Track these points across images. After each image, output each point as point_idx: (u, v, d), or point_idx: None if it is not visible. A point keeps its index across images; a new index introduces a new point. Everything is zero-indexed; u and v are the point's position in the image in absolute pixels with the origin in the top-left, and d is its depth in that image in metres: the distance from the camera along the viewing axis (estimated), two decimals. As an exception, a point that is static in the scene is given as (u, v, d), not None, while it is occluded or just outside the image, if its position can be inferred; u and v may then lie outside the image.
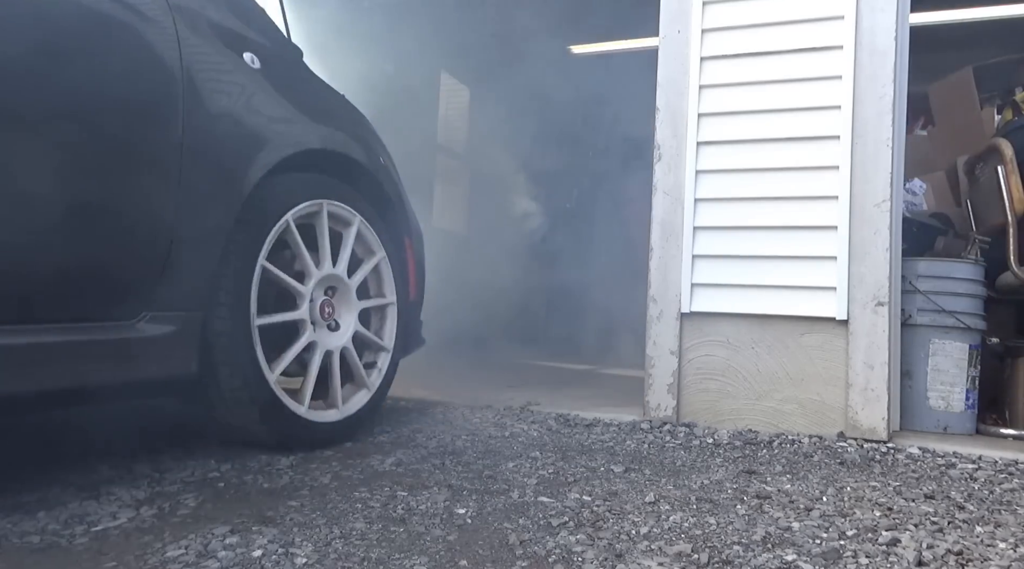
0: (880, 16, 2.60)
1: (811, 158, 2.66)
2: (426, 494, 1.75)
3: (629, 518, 1.62)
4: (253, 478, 1.86)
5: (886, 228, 2.55)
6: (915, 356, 2.79)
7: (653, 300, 2.83)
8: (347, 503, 1.67)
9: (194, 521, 1.53)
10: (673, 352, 2.78)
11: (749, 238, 2.72)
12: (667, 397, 2.77)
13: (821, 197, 2.64)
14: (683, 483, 1.94)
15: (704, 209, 2.79)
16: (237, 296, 1.91)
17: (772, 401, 2.66)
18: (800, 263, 2.65)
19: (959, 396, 2.75)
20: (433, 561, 1.35)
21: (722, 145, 2.78)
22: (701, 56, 2.81)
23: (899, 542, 1.50)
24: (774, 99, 2.72)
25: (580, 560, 1.37)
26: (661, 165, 2.85)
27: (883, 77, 2.58)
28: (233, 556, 1.33)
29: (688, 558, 1.39)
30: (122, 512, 1.56)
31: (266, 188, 2.00)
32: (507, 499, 1.74)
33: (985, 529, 1.61)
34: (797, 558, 1.39)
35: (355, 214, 2.30)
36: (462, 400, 3.11)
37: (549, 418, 2.76)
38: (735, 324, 2.73)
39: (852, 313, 2.57)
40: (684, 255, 2.78)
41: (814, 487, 1.93)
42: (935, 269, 2.81)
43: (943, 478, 2.08)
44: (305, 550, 1.37)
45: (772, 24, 2.74)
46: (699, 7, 2.82)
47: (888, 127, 2.57)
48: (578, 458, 2.18)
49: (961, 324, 2.77)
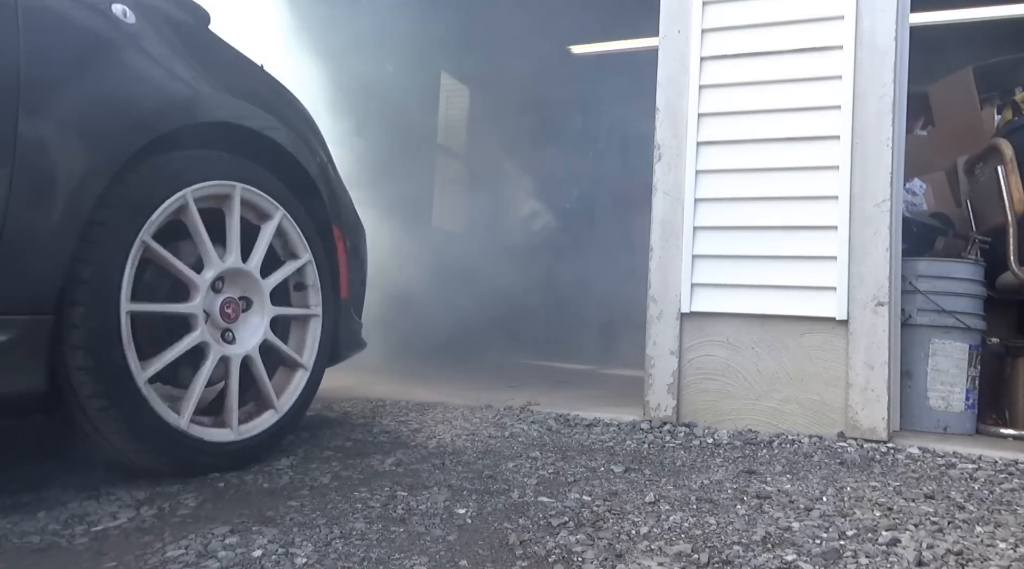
0: (880, 16, 2.60)
1: (811, 158, 2.66)
2: (426, 494, 1.75)
3: (629, 518, 1.62)
4: (253, 478, 1.86)
5: (886, 228, 2.55)
6: (915, 356, 2.79)
7: (653, 300, 2.83)
8: (347, 503, 1.67)
9: (194, 521, 1.53)
10: (673, 352, 2.78)
11: (749, 238, 2.72)
12: (667, 397, 2.77)
13: (821, 197, 2.64)
14: (683, 483, 1.94)
15: (704, 209, 2.79)
16: (102, 284, 1.61)
17: (772, 401, 2.66)
18: (800, 263, 2.65)
19: (959, 396, 2.75)
20: (433, 561, 1.35)
21: (722, 145, 2.78)
22: (701, 56, 2.81)
23: (899, 542, 1.50)
24: (774, 99, 2.72)
25: (580, 560, 1.37)
26: (661, 165, 2.85)
27: (883, 77, 2.58)
28: (233, 556, 1.33)
29: (688, 558, 1.39)
30: (122, 512, 1.56)
31: (151, 164, 1.73)
32: (507, 499, 1.74)
33: (985, 529, 1.61)
34: (797, 558, 1.39)
35: (278, 207, 2.03)
36: (462, 400, 3.11)
37: (549, 418, 2.76)
38: (735, 324, 2.73)
39: (852, 313, 2.57)
40: (684, 255, 2.79)
41: (814, 487, 1.93)
42: (935, 269, 2.81)
43: (943, 478, 2.08)
44: (305, 550, 1.37)
45: (772, 24, 2.74)
46: (699, 7, 2.82)
47: (888, 127, 2.57)
48: (578, 458, 2.18)
49: (961, 324, 2.77)
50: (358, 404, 2.99)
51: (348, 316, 2.37)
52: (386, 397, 3.11)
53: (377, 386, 3.56)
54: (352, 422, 2.62)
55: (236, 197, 1.92)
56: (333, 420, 2.65)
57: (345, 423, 2.60)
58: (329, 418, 2.69)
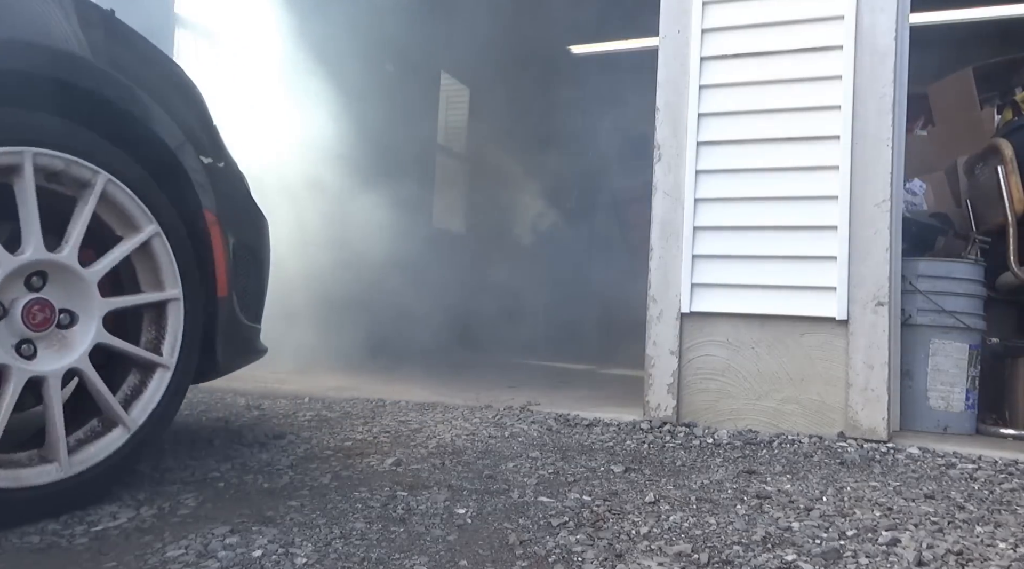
0: (880, 16, 2.60)
1: (811, 158, 2.66)
2: (426, 494, 1.75)
3: (629, 518, 1.62)
4: (253, 478, 1.86)
5: (886, 228, 2.55)
6: (915, 356, 2.79)
7: (653, 300, 2.83)
8: (347, 503, 1.67)
9: (194, 521, 1.53)
10: (673, 352, 2.78)
11: (749, 238, 2.72)
12: (667, 397, 2.77)
13: (821, 197, 2.64)
14: (683, 483, 1.94)
15: (704, 209, 2.79)
16: None
17: (772, 401, 2.66)
18: (800, 263, 2.66)
19: (959, 396, 2.75)
20: (433, 561, 1.35)
21: (722, 145, 2.78)
22: (701, 56, 2.81)
23: (899, 542, 1.50)
24: (774, 99, 2.72)
25: (580, 560, 1.37)
26: (661, 165, 2.85)
27: (883, 77, 2.58)
28: (233, 556, 1.33)
29: (688, 558, 1.39)
30: (122, 512, 1.56)
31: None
32: (507, 499, 1.74)
33: (985, 529, 1.61)
34: (797, 558, 1.39)
35: (97, 170, 1.57)
36: (462, 400, 3.11)
37: (549, 418, 2.76)
38: (735, 324, 2.73)
39: (852, 313, 2.57)
40: (684, 255, 2.79)
41: (814, 487, 1.93)
42: (935, 269, 2.81)
43: (943, 478, 2.08)
44: (305, 550, 1.37)
45: (772, 24, 2.74)
46: (699, 7, 2.82)
47: (888, 127, 2.57)
48: (578, 458, 2.18)
49: (961, 324, 2.77)
50: (358, 404, 2.99)
51: (231, 315, 1.97)
52: (386, 397, 3.12)
53: (377, 386, 3.57)
54: (352, 422, 2.62)
55: (27, 165, 1.46)
56: (333, 420, 2.65)
57: (345, 423, 2.60)
58: (329, 418, 2.69)
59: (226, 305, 1.94)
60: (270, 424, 2.54)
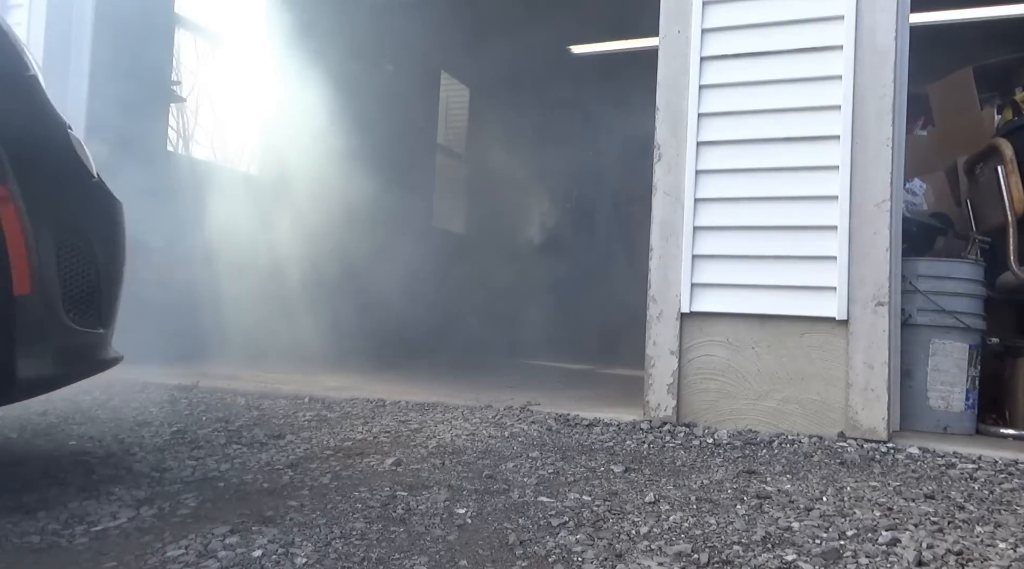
0: (880, 16, 2.60)
1: (811, 158, 2.66)
2: (426, 494, 1.75)
3: (629, 518, 1.62)
4: (253, 478, 1.86)
5: (886, 228, 2.55)
6: (915, 356, 2.79)
7: (653, 300, 2.83)
8: (347, 503, 1.67)
9: (194, 521, 1.53)
10: (673, 352, 2.78)
11: (749, 238, 2.72)
12: (667, 397, 2.77)
13: (821, 197, 2.64)
14: (683, 483, 1.94)
15: (704, 209, 2.79)
16: None
17: (772, 401, 2.66)
18: (800, 263, 2.65)
19: (959, 396, 2.75)
20: (433, 561, 1.35)
21: (722, 145, 2.78)
22: (701, 56, 2.81)
23: (899, 542, 1.50)
24: (774, 99, 2.72)
25: (580, 560, 1.37)
26: (661, 165, 2.85)
27: (883, 77, 2.58)
28: (233, 556, 1.33)
29: (688, 558, 1.39)
30: (122, 512, 1.56)
31: None
32: (507, 499, 1.74)
33: (985, 529, 1.61)
34: (797, 558, 1.39)
35: None
36: (462, 400, 3.11)
37: (549, 418, 2.76)
38: (735, 324, 2.73)
39: (852, 313, 2.57)
40: (684, 255, 2.79)
41: (814, 487, 1.93)
42: (935, 269, 2.81)
43: (943, 478, 2.08)
44: (305, 550, 1.37)
45: (772, 24, 2.74)
46: (699, 7, 2.82)
47: (888, 127, 2.57)
48: (578, 458, 2.18)
49: (961, 324, 2.77)
50: (358, 404, 2.99)
51: (46, 318, 1.60)
52: (386, 397, 3.12)
53: (377, 386, 3.57)
54: (352, 422, 2.62)
55: None
56: (333, 420, 2.65)
57: (345, 423, 2.60)
58: (329, 418, 2.69)
59: (32, 305, 1.57)
60: (270, 424, 2.54)
